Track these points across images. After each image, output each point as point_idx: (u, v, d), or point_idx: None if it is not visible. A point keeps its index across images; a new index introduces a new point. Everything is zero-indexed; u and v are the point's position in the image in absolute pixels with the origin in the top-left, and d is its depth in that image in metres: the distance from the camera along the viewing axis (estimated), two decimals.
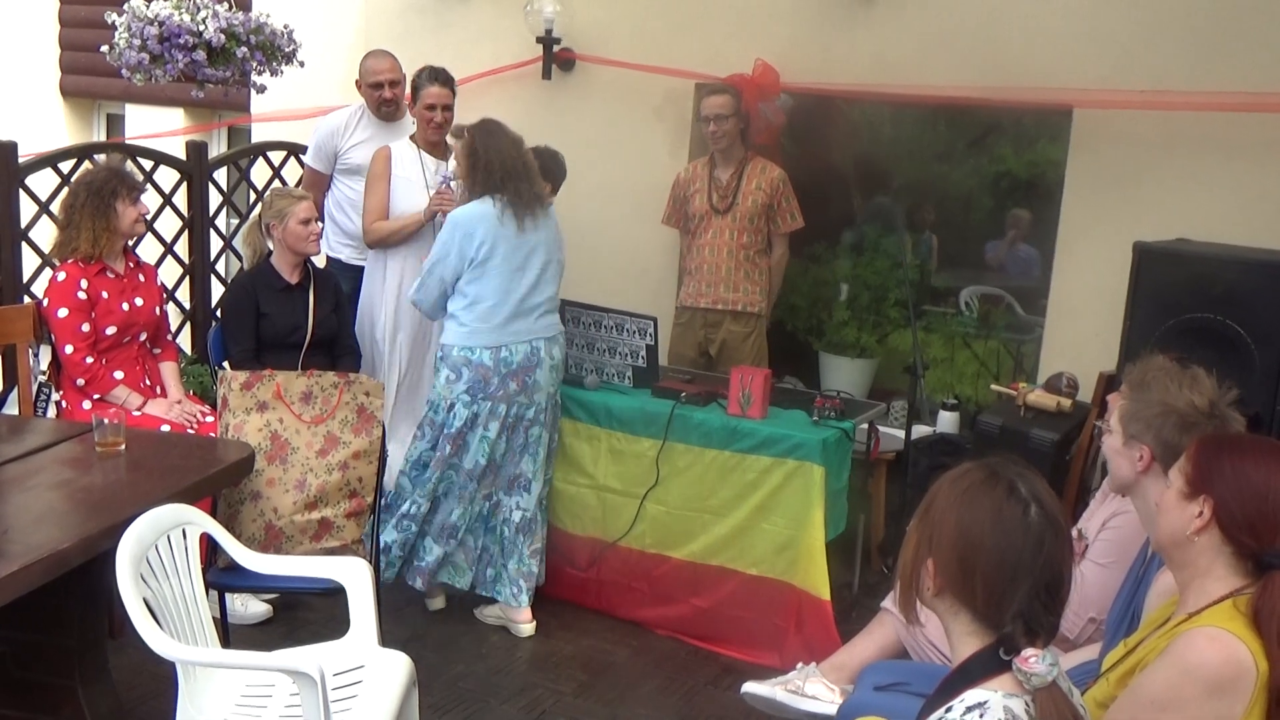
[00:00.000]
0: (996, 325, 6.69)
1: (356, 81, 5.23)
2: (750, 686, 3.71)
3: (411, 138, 4.95)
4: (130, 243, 4.41)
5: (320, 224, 4.62)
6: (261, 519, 3.61)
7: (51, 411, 4.31)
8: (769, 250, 5.21)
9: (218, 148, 7.65)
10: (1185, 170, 4.63)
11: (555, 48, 5.81)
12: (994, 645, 1.78)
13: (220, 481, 3.45)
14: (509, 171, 4.13)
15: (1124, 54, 4.70)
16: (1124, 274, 4.28)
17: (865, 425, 4.53)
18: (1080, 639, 3.07)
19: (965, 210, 7.70)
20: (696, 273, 5.21)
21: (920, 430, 4.96)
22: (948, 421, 5.15)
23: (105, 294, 4.26)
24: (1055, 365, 4.76)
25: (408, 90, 5.08)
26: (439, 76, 4.89)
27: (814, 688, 3.67)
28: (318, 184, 5.26)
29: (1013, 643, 1.76)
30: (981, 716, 1.71)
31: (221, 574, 3.52)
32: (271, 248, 4.55)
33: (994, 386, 5.01)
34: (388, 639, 3.45)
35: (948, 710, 1.75)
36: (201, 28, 4.55)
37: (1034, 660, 1.71)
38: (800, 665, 3.77)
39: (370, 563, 3.44)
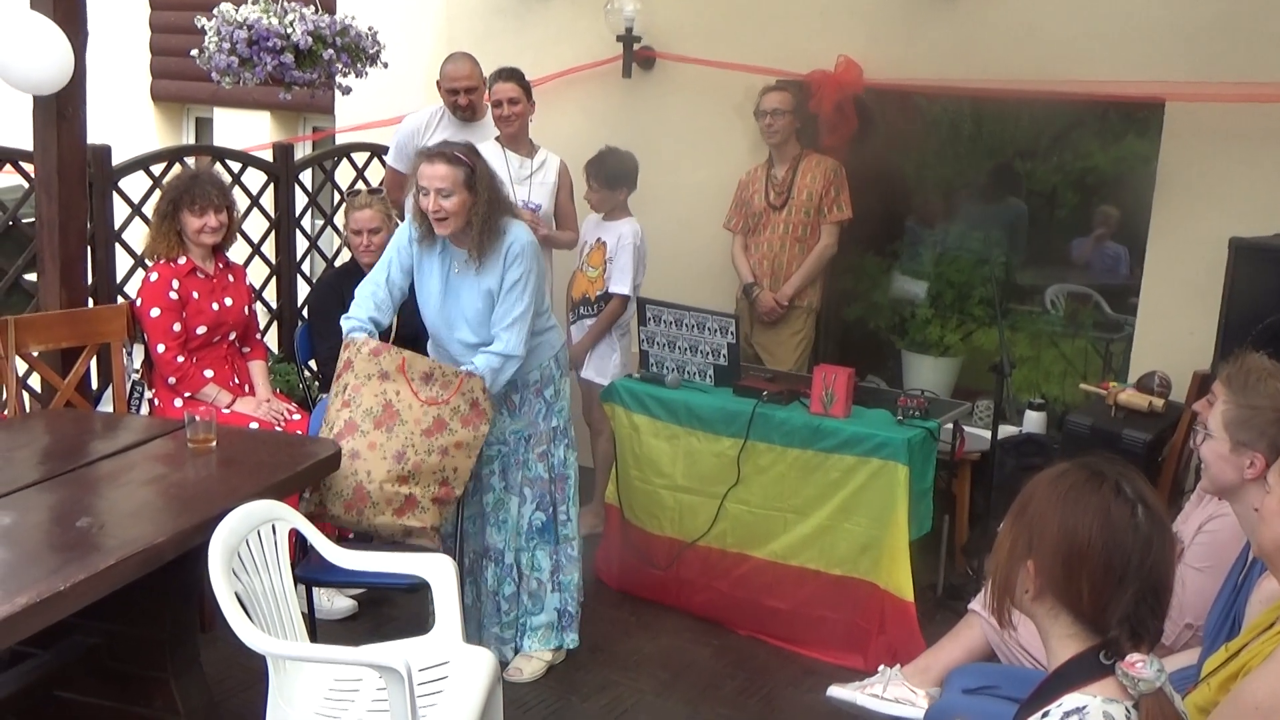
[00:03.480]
0: (1084, 324, 6.56)
1: (437, 82, 5.28)
2: (834, 690, 3.70)
3: (497, 138, 5.00)
4: (219, 244, 4.48)
5: (383, 233, 4.64)
6: (354, 478, 3.61)
7: (144, 409, 4.40)
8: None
9: (303, 148, 7.76)
10: None
11: (635, 46, 5.81)
12: (1094, 649, 1.74)
13: (308, 478, 3.49)
14: None
15: (1217, 46, 4.58)
16: (1218, 270, 4.18)
17: (950, 425, 4.47)
18: (1177, 645, 3.00)
19: (1050, 207, 7.57)
20: (757, 269, 5.30)
21: (1006, 430, 4.87)
22: (1034, 421, 5.07)
23: (196, 294, 4.34)
24: (1146, 364, 4.66)
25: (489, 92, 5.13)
26: (503, 74, 4.95)
27: (897, 691, 3.64)
28: (399, 183, 5.30)
29: (1117, 647, 1.72)
30: None
31: (310, 569, 3.56)
32: None
33: (1083, 386, 4.91)
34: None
35: (1045, 715, 1.71)
36: (289, 30, 4.60)
37: (1141, 665, 1.66)
38: (883, 668, 3.74)
39: (455, 559, 3.45)
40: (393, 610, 4.41)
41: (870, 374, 5.92)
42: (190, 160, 5.14)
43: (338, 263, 5.74)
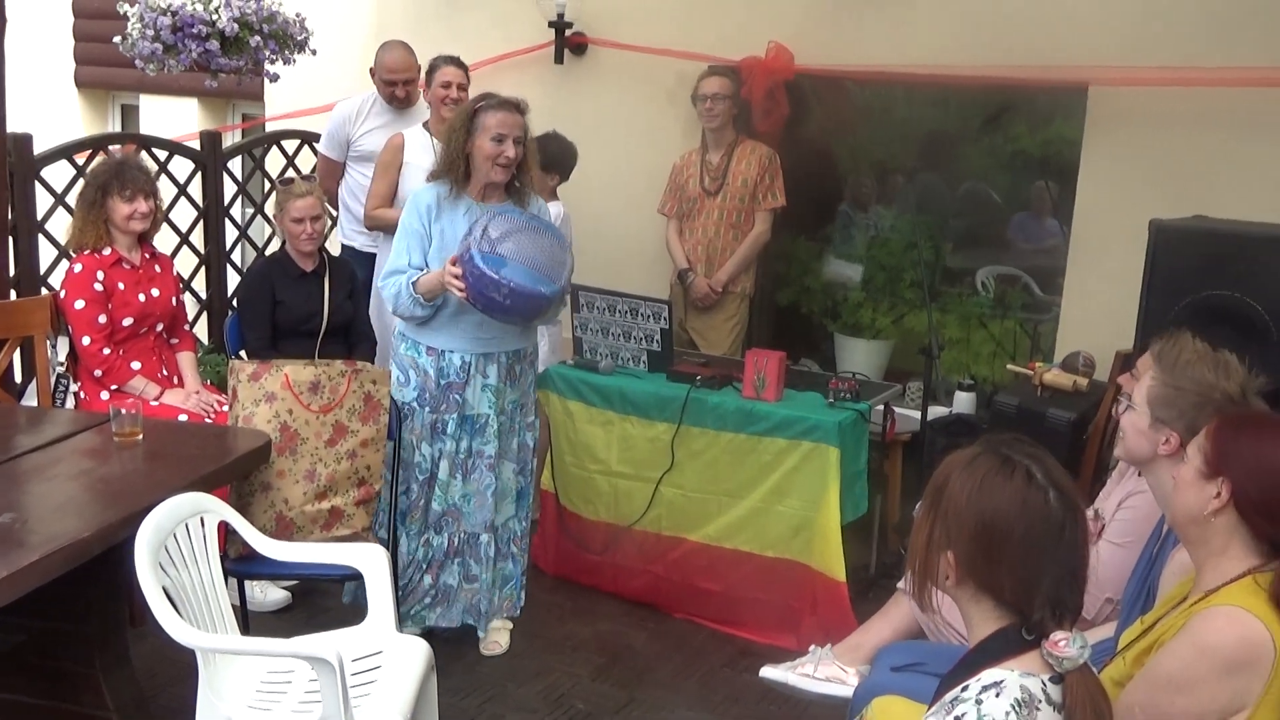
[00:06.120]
0: (1013, 305, 6.65)
1: (371, 69, 5.23)
2: (767, 671, 3.74)
3: (425, 125, 4.95)
4: (145, 232, 4.40)
5: (323, 220, 4.55)
6: (273, 510, 3.61)
7: (70, 402, 4.33)
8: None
9: (233, 135, 7.66)
10: (1204, 147, 4.61)
11: (567, 32, 5.81)
12: (1014, 625, 1.78)
13: (238, 470, 3.46)
14: None
15: (1141, 30, 4.66)
16: (1141, 252, 4.25)
17: (881, 406, 4.53)
18: (1098, 619, 3.07)
19: (981, 189, 7.65)
20: (691, 254, 5.35)
21: (936, 411, 4.94)
22: (964, 402, 5.13)
23: (121, 285, 4.28)
24: (1072, 344, 4.75)
25: (421, 78, 5.09)
26: (454, 59, 4.97)
27: (827, 669, 3.69)
28: (331, 172, 5.27)
29: (1041, 626, 1.76)
30: (998, 696, 1.71)
31: (240, 561, 3.54)
32: None
33: (1010, 366, 4.99)
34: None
35: (964, 689, 1.75)
36: (215, 17, 4.55)
37: (1064, 644, 1.71)
38: (814, 648, 3.78)
39: (387, 549, 3.44)
40: (327, 601, 4.38)
41: (804, 358, 5.98)
42: (115, 149, 5.06)
43: (268, 252, 5.68)
